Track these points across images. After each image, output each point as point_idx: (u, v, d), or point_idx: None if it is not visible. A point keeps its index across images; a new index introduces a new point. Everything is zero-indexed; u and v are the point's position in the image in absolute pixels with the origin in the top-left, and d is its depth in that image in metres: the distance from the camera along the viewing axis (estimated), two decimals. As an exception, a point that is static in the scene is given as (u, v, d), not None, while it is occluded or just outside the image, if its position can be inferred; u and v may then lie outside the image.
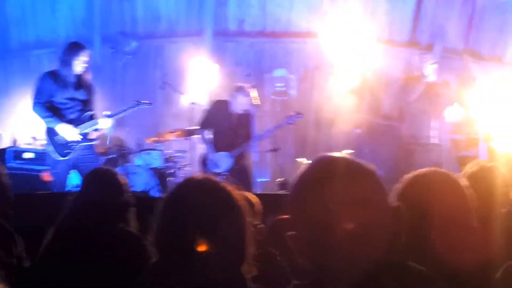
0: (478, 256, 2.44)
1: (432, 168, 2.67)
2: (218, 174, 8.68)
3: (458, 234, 2.43)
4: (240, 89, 8.85)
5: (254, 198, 4.07)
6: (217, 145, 8.94)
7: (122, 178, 4.14)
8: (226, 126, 8.91)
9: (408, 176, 2.61)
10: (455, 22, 11.81)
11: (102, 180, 4.06)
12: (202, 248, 2.17)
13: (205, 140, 9.04)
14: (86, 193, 3.99)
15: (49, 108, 7.52)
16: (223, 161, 8.85)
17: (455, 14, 11.72)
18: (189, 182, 2.38)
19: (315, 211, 1.66)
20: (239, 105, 8.82)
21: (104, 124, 7.81)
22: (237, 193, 2.33)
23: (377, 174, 1.74)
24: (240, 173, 8.77)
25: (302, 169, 1.79)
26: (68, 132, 7.52)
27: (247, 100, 8.78)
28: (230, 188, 2.34)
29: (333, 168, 1.71)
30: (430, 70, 8.24)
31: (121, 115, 8.09)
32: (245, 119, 8.96)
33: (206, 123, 9.07)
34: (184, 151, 10.10)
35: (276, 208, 4.36)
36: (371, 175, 1.73)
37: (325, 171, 1.71)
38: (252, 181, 8.92)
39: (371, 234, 1.65)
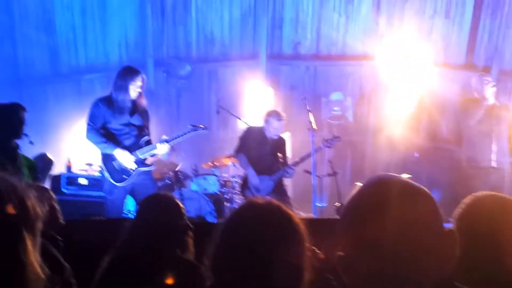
0: None
1: (491, 192, 2.61)
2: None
3: None
4: (272, 114, 8.77)
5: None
6: (257, 169, 8.80)
7: (179, 203, 4.06)
8: (263, 151, 8.83)
9: (468, 199, 2.57)
10: (511, 45, 11.64)
11: (160, 205, 4.00)
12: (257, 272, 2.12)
13: (245, 165, 8.90)
14: (144, 219, 3.93)
15: (104, 134, 7.39)
16: (264, 184, 8.74)
17: (511, 36, 11.53)
18: (250, 206, 2.34)
19: (368, 232, 1.65)
20: (273, 129, 8.73)
21: (161, 149, 7.65)
22: (297, 218, 2.29)
23: (432, 196, 1.72)
24: (281, 197, 8.65)
25: (356, 189, 1.79)
26: (125, 158, 7.40)
27: (280, 124, 8.71)
28: (291, 212, 2.29)
29: (387, 189, 1.71)
30: (490, 93, 8.05)
31: (178, 140, 7.90)
32: (280, 145, 8.96)
33: (242, 149, 8.95)
34: (240, 176, 9.96)
35: (332, 233, 4.25)
36: (426, 198, 1.72)
37: (379, 192, 1.71)
38: (291, 203, 8.84)
39: (423, 257, 1.63)
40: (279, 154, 8.85)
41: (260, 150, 8.83)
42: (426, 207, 1.69)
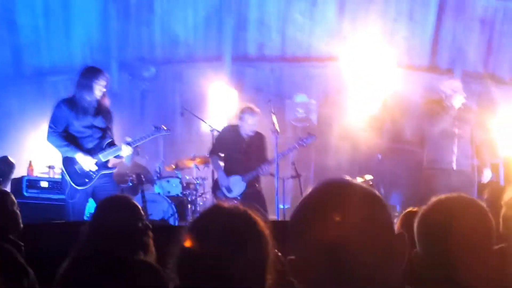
0: (496, 279, 2.47)
1: (454, 194, 2.63)
2: (231, 198, 8.58)
3: (478, 257, 2.42)
4: (246, 110, 8.76)
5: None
6: (229, 169, 8.84)
7: (136, 204, 4.00)
8: (237, 150, 8.83)
9: (430, 201, 2.58)
10: (474, 46, 11.83)
11: (116, 206, 3.93)
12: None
13: (217, 166, 8.95)
14: (100, 221, 3.84)
15: (66, 137, 7.30)
16: (236, 185, 8.75)
17: (474, 38, 11.75)
18: (215, 209, 2.36)
19: (318, 236, 1.62)
20: (248, 126, 8.73)
21: (124, 151, 7.59)
22: (262, 223, 2.30)
23: (382, 199, 1.70)
24: (253, 198, 8.64)
25: (306, 192, 1.74)
26: (86, 161, 7.33)
27: (254, 119, 8.71)
28: (256, 217, 2.30)
29: (337, 192, 1.68)
30: (457, 101, 8.14)
31: (141, 142, 7.88)
32: (257, 142, 8.91)
33: (216, 149, 9.01)
34: (203, 178, 10.03)
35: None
36: (377, 200, 1.69)
37: (329, 195, 1.68)
38: (266, 205, 8.84)
39: (374, 260, 1.61)
40: (253, 153, 8.84)
41: (234, 150, 8.84)
42: (376, 210, 1.67)
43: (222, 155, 9.03)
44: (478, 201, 2.64)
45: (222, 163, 9.01)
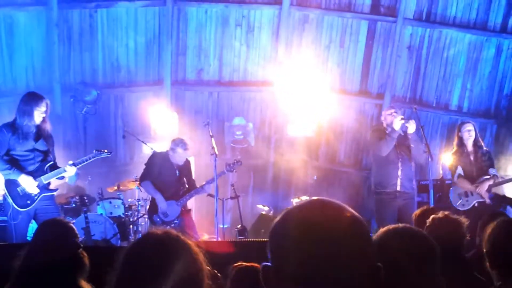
0: None
1: (399, 225, 2.80)
2: (169, 223, 8.82)
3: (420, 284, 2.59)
4: (178, 143, 8.97)
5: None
6: (164, 194, 8.94)
7: (72, 225, 4.14)
8: (169, 176, 9.03)
9: (379, 233, 2.70)
10: (403, 72, 12.27)
11: (52, 231, 4.05)
12: None
13: (152, 191, 9.01)
14: (37, 244, 3.97)
15: (8, 160, 7.41)
16: (171, 209, 8.91)
17: (402, 64, 12.19)
18: (149, 236, 2.43)
19: (299, 253, 1.64)
20: (178, 157, 8.96)
21: (69, 172, 7.69)
22: (195, 245, 2.38)
23: (366, 228, 1.72)
24: (187, 220, 9.01)
25: (291, 208, 1.77)
26: (28, 183, 7.43)
27: (185, 153, 8.97)
28: (189, 241, 2.37)
29: (324, 214, 1.69)
30: (398, 124, 8.44)
31: (83, 164, 7.92)
32: (186, 166, 9.20)
33: (147, 175, 9.07)
34: (145, 199, 10.08)
35: (234, 255, 4.54)
36: (359, 225, 1.70)
37: (315, 215, 1.69)
38: (195, 225, 9.16)
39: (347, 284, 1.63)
40: (184, 178, 9.10)
41: (166, 176, 9.00)
42: (360, 239, 1.68)
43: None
44: (419, 231, 2.85)
45: None
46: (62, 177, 7.82)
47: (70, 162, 7.77)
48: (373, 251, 1.73)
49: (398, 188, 8.50)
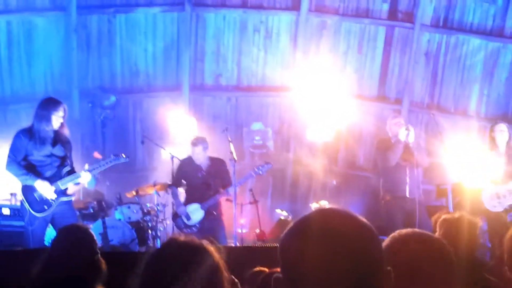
0: None
1: (414, 230, 2.66)
2: (190, 226, 8.82)
3: None
4: (191, 142, 9.03)
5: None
6: (189, 198, 9.01)
7: (92, 235, 4.13)
8: (194, 179, 9.03)
9: (391, 238, 2.60)
10: (420, 78, 12.26)
11: (70, 237, 4.05)
12: None
13: (174, 196, 9.13)
14: (55, 251, 3.97)
15: (25, 166, 7.35)
16: (195, 213, 8.93)
17: (420, 70, 12.19)
18: (170, 243, 2.45)
19: (308, 263, 1.63)
20: (196, 155, 8.98)
21: (84, 178, 7.60)
22: (216, 252, 2.40)
23: (375, 234, 1.72)
24: (212, 225, 8.93)
25: (304, 216, 1.76)
26: (45, 189, 7.35)
27: (199, 149, 8.93)
28: (210, 249, 2.39)
29: (333, 223, 1.69)
30: (403, 135, 8.44)
31: (100, 169, 7.86)
32: (217, 168, 9.13)
33: (177, 180, 9.18)
34: (164, 205, 10.09)
35: (253, 260, 4.49)
36: (371, 236, 1.70)
37: (323, 225, 1.68)
38: (224, 232, 9.05)
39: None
40: (212, 181, 8.99)
41: (192, 179, 9.01)
42: (368, 245, 1.67)
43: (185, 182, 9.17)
44: (435, 237, 2.70)
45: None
46: (78, 183, 7.70)
47: (87, 167, 7.72)
48: (382, 257, 1.71)
49: (407, 194, 8.50)
